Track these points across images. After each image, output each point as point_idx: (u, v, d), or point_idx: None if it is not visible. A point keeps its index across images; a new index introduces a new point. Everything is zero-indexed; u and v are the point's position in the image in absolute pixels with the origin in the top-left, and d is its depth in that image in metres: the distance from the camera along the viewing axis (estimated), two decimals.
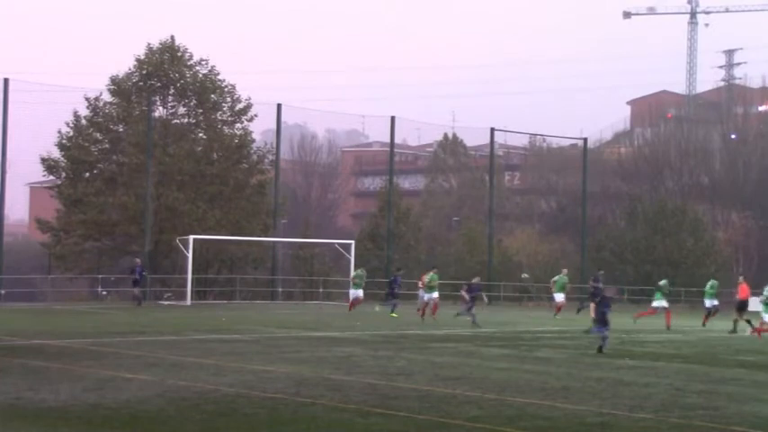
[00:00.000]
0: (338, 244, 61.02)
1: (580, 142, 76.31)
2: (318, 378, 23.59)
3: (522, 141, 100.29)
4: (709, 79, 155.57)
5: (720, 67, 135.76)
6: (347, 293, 57.13)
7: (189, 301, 52.90)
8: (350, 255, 58.08)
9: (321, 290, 62.96)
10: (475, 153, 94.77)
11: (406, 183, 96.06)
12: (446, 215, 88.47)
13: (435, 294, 46.54)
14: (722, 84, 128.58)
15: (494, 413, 19.01)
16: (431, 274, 47.38)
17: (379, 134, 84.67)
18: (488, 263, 67.28)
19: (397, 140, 72.83)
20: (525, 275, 69.24)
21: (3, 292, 53.29)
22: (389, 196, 68.63)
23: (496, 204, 71.80)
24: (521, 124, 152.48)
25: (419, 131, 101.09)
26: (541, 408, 20.37)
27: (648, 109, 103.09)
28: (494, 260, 68.15)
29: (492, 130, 69.32)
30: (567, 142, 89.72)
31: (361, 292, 50.44)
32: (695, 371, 28.01)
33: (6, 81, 54.33)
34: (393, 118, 65.67)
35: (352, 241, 59.99)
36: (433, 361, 28.21)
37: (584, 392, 22.91)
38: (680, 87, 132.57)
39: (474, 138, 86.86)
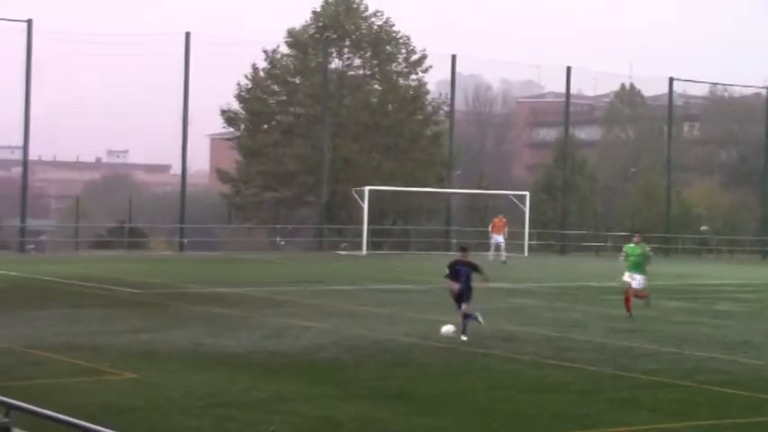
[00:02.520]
0: (513, 195, 60.70)
1: (763, 91, 73.83)
2: (492, 329, 23.59)
3: (702, 91, 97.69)
4: None
5: None
6: (521, 244, 56.83)
7: (364, 252, 53.49)
8: (524, 206, 57.76)
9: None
10: (653, 103, 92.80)
11: (581, 133, 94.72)
12: (623, 166, 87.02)
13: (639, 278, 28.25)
14: None
15: (671, 366, 18.70)
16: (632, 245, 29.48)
17: (555, 84, 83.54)
18: (666, 215, 66.03)
19: (573, 91, 71.74)
20: (705, 228, 67.66)
21: (186, 241, 54.82)
22: (565, 147, 67.87)
23: (675, 155, 70.17)
24: (701, 73, 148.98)
25: (595, 81, 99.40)
26: (720, 362, 19.95)
27: None
28: (672, 212, 66.81)
29: (671, 79, 67.64)
30: (749, 91, 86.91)
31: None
32: None
33: (188, 35, 55.57)
34: (569, 68, 64.77)
35: (527, 192, 59.60)
36: (608, 314, 27.91)
37: (766, 347, 22.35)
38: None
39: (652, 88, 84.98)
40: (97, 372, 17.24)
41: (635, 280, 27.42)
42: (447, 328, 21.35)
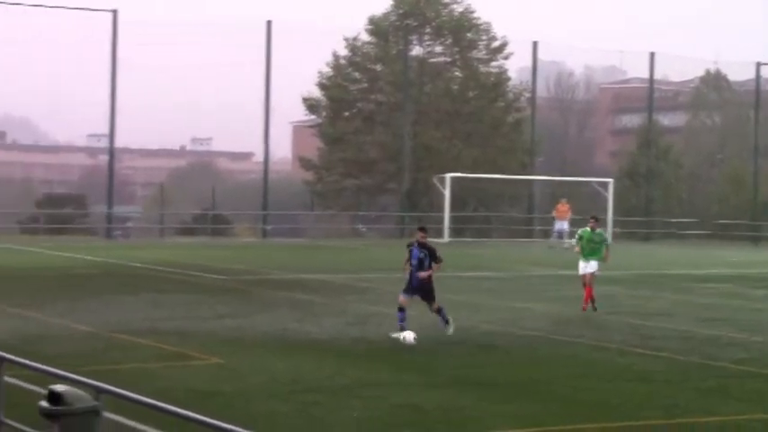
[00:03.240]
0: (596, 182, 60.17)
1: None
2: (577, 317, 23.45)
3: None
4: None
5: None
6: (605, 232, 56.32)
7: (446, 239, 53.41)
8: (607, 193, 57.22)
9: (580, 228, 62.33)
10: (739, 89, 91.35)
11: (666, 120, 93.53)
12: (708, 153, 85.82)
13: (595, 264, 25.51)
14: None
15: (760, 356, 18.42)
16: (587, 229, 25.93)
17: (638, 70, 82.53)
18: (754, 201, 65.01)
19: (657, 76, 70.83)
20: None
21: (269, 228, 55.21)
22: (649, 133, 67.07)
23: (762, 141, 69.00)
24: None
25: (680, 67, 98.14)
26: None
27: None
28: (759, 199, 65.75)
29: (758, 64, 66.55)
30: None
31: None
32: None
33: (269, 24, 55.88)
34: (653, 53, 64.03)
35: (611, 179, 59.04)
36: (694, 302, 27.58)
37: None
38: None
39: (738, 73, 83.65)
40: (183, 357, 17.44)
41: (591, 266, 24.58)
42: (407, 335, 18.65)
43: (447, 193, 54.18)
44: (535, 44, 62.09)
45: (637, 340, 20.17)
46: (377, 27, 65.33)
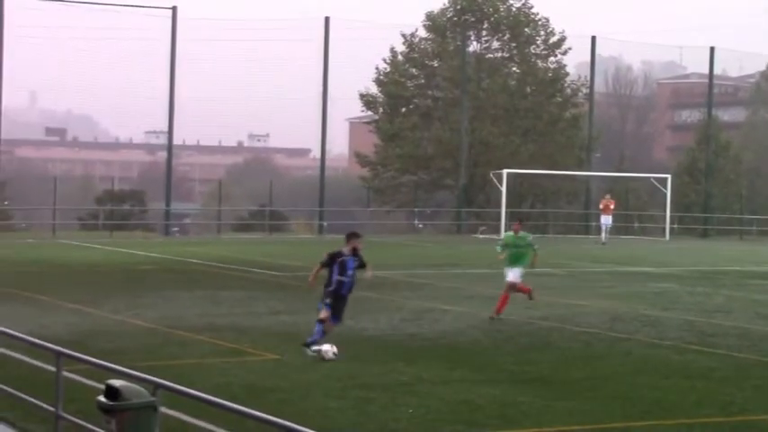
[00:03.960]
0: (654, 178, 59.72)
1: None
2: (633, 313, 23.30)
3: None
4: None
5: None
6: (662, 228, 56.00)
7: (503, 235, 53.24)
8: (666, 189, 56.78)
9: (636, 225, 61.96)
10: None
11: (725, 115, 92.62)
12: None
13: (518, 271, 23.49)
14: None
15: None
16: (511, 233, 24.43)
17: (698, 65, 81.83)
18: None
19: (717, 71, 70.18)
20: None
21: (325, 224, 55.34)
22: (708, 129, 66.44)
23: None
24: None
25: (740, 62, 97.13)
26: None
27: None
28: None
29: None
30: None
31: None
32: None
33: (327, 20, 56.05)
34: (712, 48, 63.41)
35: (669, 175, 58.57)
36: (753, 298, 27.31)
37: None
38: None
39: None
40: (239, 353, 17.56)
41: (514, 273, 22.44)
42: (326, 349, 16.95)
43: (504, 189, 54.02)
44: (593, 39, 61.74)
45: (694, 337, 20.02)
46: (434, 23, 65.28)
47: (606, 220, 50.07)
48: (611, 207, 50.74)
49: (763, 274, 34.76)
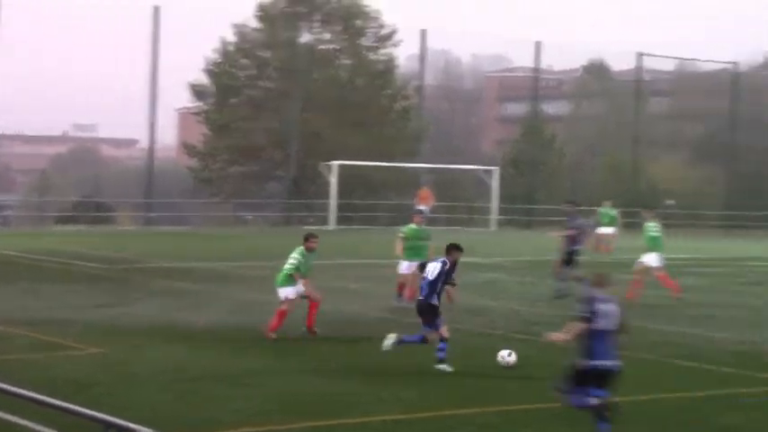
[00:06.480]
0: (482, 170, 60.71)
1: (730, 66, 74.18)
2: (463, 303, 23.60)
3: (670, 66, 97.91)
4: None
5: None
6: (486, 219, 56.98)
7: (332, 226, 53.41)
8: (493, 180, 57.76)
9: (463, 216, 62.87)
10: (621, 78, 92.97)
11: (550, 108, 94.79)
12: (591, 141, 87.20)
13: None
14: None
15: (635, 340, 18.69)
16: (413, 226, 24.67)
17: (525, 59, 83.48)
18: (633, 190, 66.25)
19: (542, 65, 71.81)
20: (670, 202, 67.84)
21: (153, 216, 54.50)
22: (533, 122, 67.86)
23: (643, 130, 70.40)
24: (669, 49, 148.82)
25: (564, 56, 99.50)
26: (684, 336, 20.09)
27: None
28: (639, 187, 67.05)
29: (638, 54, 67.84)
30: (717, 66, 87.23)
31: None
32: None
33: (157, 8, 55.15)
34: (538, 42, 64.87)
35: (496, 167, 59.62)
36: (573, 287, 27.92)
37: (729, 321, 22.52)
38: None
39: (620, 62, 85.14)
40: (62, 347, 17.15)
41: (411, 268, 21.86)
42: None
43: (334, 180, 54.17)
44: (423, 32, 62.40)
45: (521, 326, 20.43)
46: (266, 13, 64.90)
47: (423, 209, 50.96)
48: (428, 197, 51.93)
49: (588, 263, 35.60)
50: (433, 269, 16.14)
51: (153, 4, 55.20)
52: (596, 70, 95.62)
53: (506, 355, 16.15)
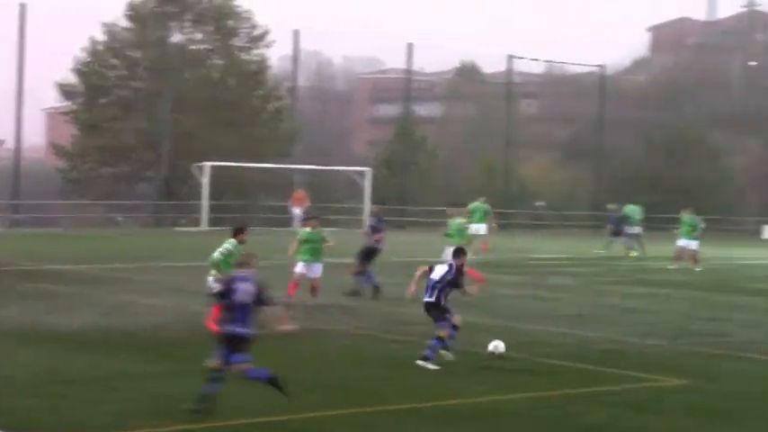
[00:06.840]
0: (355, 171, 61.01)
1: (597, 69, 75.95)
2: (335, 304, 23.77)
3: (539, 68, 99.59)
4: (730, 5, 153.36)
5: None
6: (359, 220, 57.21)
7: (204, 228, 53.12)
8: (365, 181, 58.08)
9: (335, 217, 63.04)
10: (492, 80, 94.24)
11: (422, 110, 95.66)
12: (462, 143, 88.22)
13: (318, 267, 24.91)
14: (744, 10, 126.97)
15: (505, 339, 19.10)
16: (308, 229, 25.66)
17: (397, 61, 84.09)
18: (504, 191, 67.27)
19: (414, 67, 72.50)
20: (540, 203, 69.13)
21: (19, 217, 53.49)
22: (405, 123, 68.44)
23: (513, 132, 71.59)
24: (539, 51, 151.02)
25: (436, 58, 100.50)
26: (553, 335, 20.55)
27: (668, 36, 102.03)
28: (510, 188, 68.12)
29: (509, 57, 68.98)
30: (584, 69, 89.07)
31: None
32: (707, 298, 28.13)
33: (23, 6, 54.18)
34: (410, 44, 65.48)
35: (369, 168, 59.97)
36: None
37: (596, 320, 23.08)
38: (701, 14, 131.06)
39: (491, 65, 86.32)
40: None
41: (313, 271, 23.83)
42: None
43: (205, 181, 53.92)
44: (296, 33, 62.48)
45: (391, 326, 20.66)
46: (136, 13, 64.20)
47: (298, 211, 51.83)
48: (302, 199, 52.29)
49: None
50: (439, 271, 17.16)
51: (19, 2, 54.21)
52: (468, 72, 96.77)
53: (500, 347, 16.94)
